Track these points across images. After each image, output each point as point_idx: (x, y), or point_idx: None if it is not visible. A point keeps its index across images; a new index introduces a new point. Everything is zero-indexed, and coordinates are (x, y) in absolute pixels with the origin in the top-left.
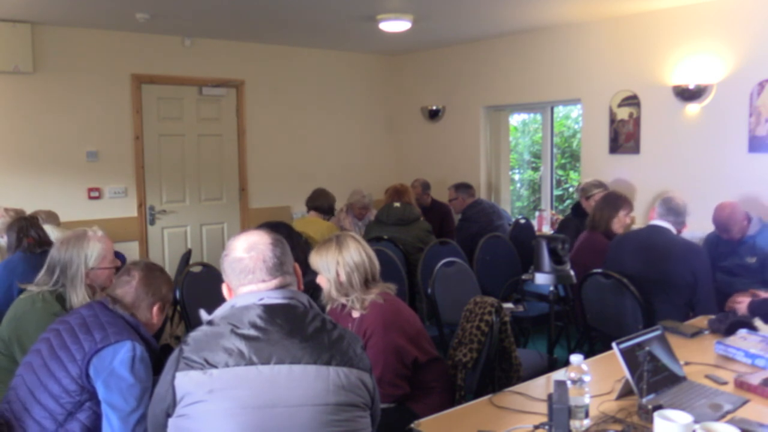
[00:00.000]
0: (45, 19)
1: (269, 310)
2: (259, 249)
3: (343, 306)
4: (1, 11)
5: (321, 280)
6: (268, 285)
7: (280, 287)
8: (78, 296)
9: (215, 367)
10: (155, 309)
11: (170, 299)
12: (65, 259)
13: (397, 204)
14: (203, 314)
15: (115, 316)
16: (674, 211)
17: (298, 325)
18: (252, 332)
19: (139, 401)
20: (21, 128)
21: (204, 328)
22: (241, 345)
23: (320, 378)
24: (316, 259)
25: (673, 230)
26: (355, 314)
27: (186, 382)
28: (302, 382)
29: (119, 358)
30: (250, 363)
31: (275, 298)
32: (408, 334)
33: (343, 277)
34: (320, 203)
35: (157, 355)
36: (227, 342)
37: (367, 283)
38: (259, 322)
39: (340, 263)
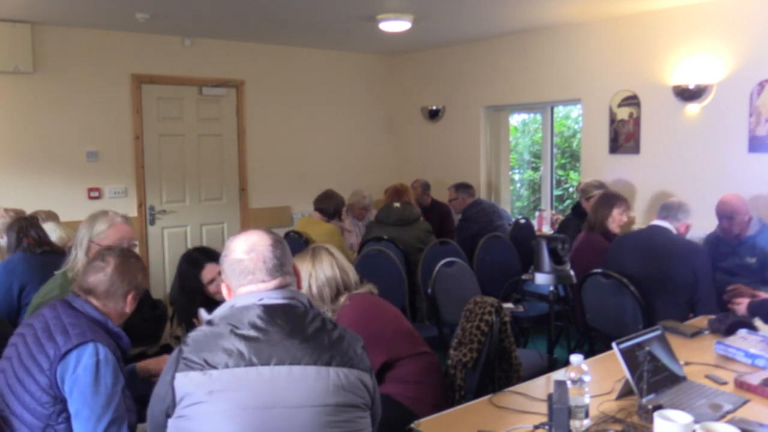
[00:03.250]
0: (45, 19)
1: (269, 311)
2: (259, 250)
3: None
4: (1, 11)
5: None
6: (267, 285)
7: (280, 287)
8: (77, 259)
9: (215, 367)
10: (129, 298)
11: (143, 288)
12: (79, 229)
13: (397, 204)
14: (203, 314)
15: (78, 315)
16: (668, 207)
17: (298, 326)
18: (252, 333)
19: (105, 408)
20: (21, 128)
21: (203, 328)
22: (241, 346)
23: (320, 379)
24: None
25: (673, 230)
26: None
27: (186, 382)
28: (302, 383)
29: (82, 365)
30: (250, 364)
31: (275, 299)
32: (375, 335)
33: (314, 290)
34: (325, 205)
35: (128, 350)
36: (227, 342)
37: (338, 295)
38: (258, 322)
39: (312, 276)
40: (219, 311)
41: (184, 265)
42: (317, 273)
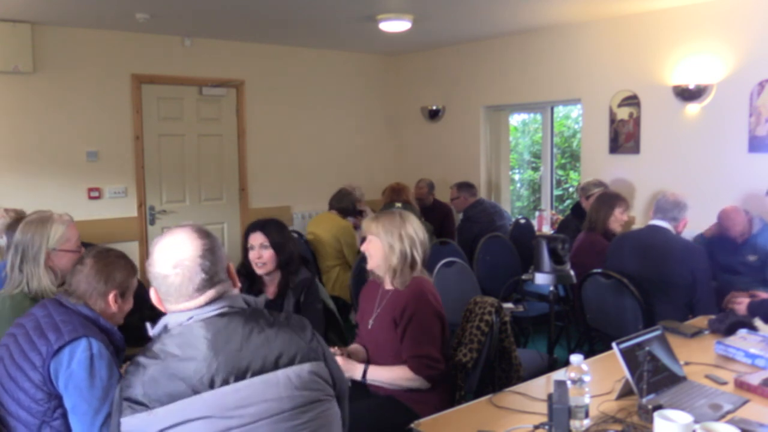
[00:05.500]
0: (45, 19)
1: (201, 328)
2: (186, 265)
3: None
4: (1, 11)
5: (373, 246)
6: (197, 302)
7: (210, 302)
8: (39, 277)
9: (159, 403)
10: (110, 297)
11: (130, 285)
12: (27, 240)
13: (398, 204)
14: (149, 328)
15: (69, 313)
16: (663, 209)
17: (233, 335)
18: (189, 355)
19: (102, 401)
20: (21, 128)
21: (141, 360)
22: (181, 374)
23: (269, 387)
24: (373, 226)
25: (672, 229)
26: (389, 287)
27: (134, 425)
28: (253, 398)
29: (76, 360)
30: (195, 392)
31: (206, 314)
32: (444, 314)
33: (407, 250)
34: (344, 204)
35: (121, 345)
36: (166, 374)
37: (413, 266)
38: (194, 342)
39: (403, 236)
40: (154, 332)
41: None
42: (408, 231)
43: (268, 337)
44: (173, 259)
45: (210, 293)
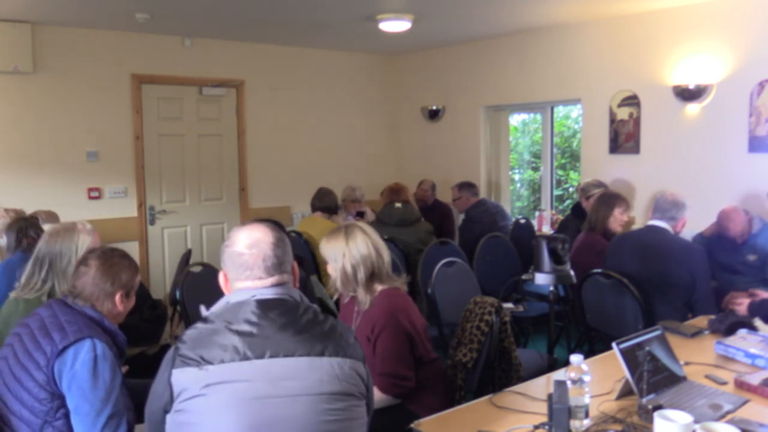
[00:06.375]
0: (45, 19)
1: (262, 306)
2: (261, 247)
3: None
4: (1, 11)
5: (329, 269)
6: (263, 282)
7: (274, 285)
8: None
9: (210, 363)
10: (117, 298)
11: (134, 285)
12: (55, 252)
13: (398, 204)
14: (203, 310)
15: (74, 313)
16: (662, 208)
17: (290, 319)
18: (246, 328)
19: (104, 402)
20: (21, 128)
21: (199, 325)
22: (236, 341)
23: (314, 369)
24: (325, 248)
25: (670, 229)
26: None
27: (183, 378)
28: (297, 374)
29: (80, 360)
30: (245, 358)
31: (268, 294)
32: (415, 328)
33: (348, 269)
34: (326, 203)
35: (124, 347)
36: (222, 338)
37: (373, 277)
38: (252, 317)
39: (346, 255)
40: (215, 308)
41: None
42: (351, 251)
43: (316, 333)
44: (250, 241)
45: (276, 278)
